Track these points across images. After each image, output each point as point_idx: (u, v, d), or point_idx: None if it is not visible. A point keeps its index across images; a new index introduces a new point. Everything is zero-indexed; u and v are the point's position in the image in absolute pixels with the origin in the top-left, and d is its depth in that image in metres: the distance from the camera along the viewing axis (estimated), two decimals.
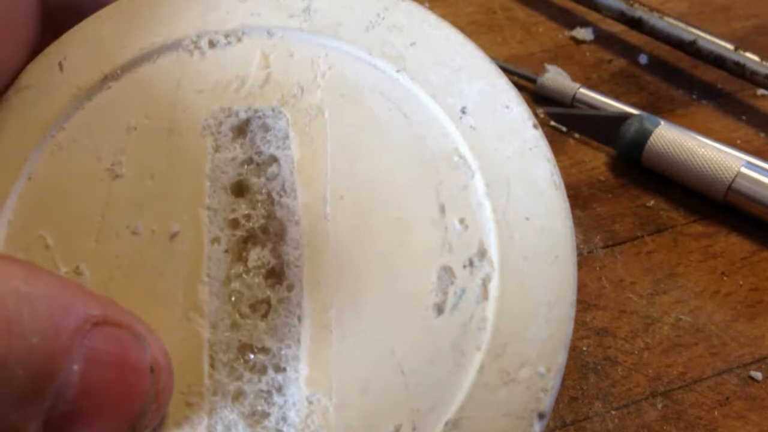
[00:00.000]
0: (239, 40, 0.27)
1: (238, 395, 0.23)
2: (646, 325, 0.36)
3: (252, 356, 0.23)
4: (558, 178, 0.24)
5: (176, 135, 0.25)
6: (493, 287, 0.23)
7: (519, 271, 0.23)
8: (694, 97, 0.46)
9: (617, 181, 0.42)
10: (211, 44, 0.26)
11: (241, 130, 0.26)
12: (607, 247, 0.39)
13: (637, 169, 0.42)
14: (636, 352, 0.35)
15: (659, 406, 0.33)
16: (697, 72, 0.47)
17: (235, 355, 0.23)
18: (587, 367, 0.34)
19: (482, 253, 0.24)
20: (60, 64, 0.26)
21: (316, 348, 0.23)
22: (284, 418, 0.23)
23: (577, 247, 0.37)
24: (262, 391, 0.23)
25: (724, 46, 0.44)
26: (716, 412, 0.33)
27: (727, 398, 0.34)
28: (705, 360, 0.35)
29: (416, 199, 0.24)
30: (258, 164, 0.26)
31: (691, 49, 0.45)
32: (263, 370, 0.23)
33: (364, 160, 0.25)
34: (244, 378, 0.23)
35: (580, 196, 0.41)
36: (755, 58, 0.44)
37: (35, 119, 0.25)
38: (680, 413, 0.33)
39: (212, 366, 0.23)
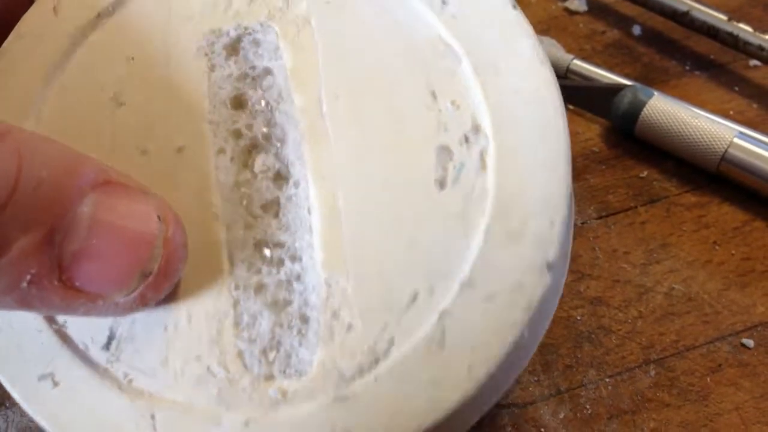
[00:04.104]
0: None
1: (260, 287, 0.24)
2: (640, 295, 0.36)
3: (268, 252, 0.24)
4: (542, 53, 0.25)
5: (173, 60, 0.26)
6: (490, 158, 0.24)
7: (513, 140, 0.24)
8: (688, 68, 0.46)
9: (611, 152, 0.42)
10: None
11: (234, 48, 0.27)
12: (600, 217, 0.39)
13: (631, 140, 0.42)
14: (629, 321, 0.35)
15: (652, 373, 0.34)
16: (690, 43, 0.47)
17: (252, 252, 0.24)
18: (581, 336, 0.35)
19: (476, 129, 0.24)
20: (54, 9, 0.27)
21: (329, 233, 0.24)
22: (306, 303, 0.24)
23: None
24: (281, 281, 0.24)
25: (718, 17, 0.44)
26: (708, 379, 0.34)
27: (720, 365, 0.34)
28: (697, 328, 0.35)
29: (408, 89, 0.25)
30: (253, 78, 0.26)
31: (684, 19, 0.45)
32: (281, 263, 0.24)
33: (353, 59, 0.26)
34: (263, 272, 0.24)
35: (573, 167, 0.41)
36: (748, 28, 0.44)
37: (37, 64, 0.26)
38: (673, 380, 0.33)
39: (231, 263, 0.24)
